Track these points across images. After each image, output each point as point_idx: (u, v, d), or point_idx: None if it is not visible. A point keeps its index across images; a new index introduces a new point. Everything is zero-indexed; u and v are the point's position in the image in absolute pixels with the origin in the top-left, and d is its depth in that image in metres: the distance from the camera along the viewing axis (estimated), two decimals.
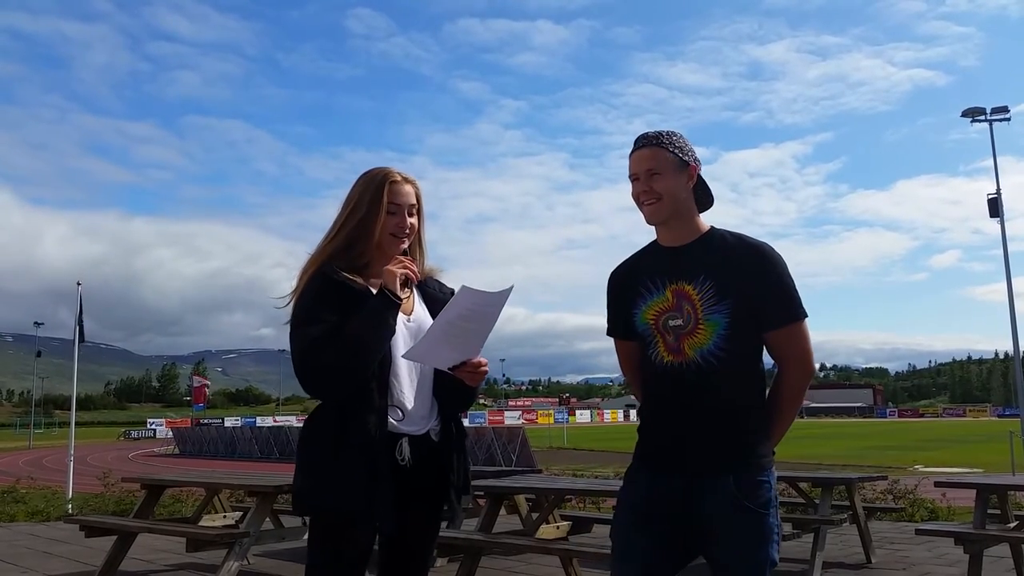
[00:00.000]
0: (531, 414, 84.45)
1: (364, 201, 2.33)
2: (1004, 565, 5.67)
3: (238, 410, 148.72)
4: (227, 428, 44.53)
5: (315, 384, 2.20)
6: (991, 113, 25.67)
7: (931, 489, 7.25)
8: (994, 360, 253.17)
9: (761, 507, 2.10)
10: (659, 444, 2.22)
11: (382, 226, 2.33)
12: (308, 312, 2.21)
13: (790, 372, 2.21)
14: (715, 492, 2.10)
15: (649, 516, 2.18)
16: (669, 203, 2.19)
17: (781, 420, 2.24)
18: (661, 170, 2.18)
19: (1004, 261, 24.83)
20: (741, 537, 2.09)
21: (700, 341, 2.14)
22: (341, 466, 2.20)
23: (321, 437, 2.25)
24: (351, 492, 2.18)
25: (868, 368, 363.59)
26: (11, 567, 6.36)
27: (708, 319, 2.13)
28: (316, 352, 2.16)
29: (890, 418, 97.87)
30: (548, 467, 16.18)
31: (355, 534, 2.24)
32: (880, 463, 21.34)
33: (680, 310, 2.17)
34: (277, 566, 6.36)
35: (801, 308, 2.17)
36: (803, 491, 6.99)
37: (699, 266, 2.17)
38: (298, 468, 2.30)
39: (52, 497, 11.72)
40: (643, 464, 2.25)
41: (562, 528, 5.31)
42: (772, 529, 2.11)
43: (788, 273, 2.17)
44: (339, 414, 2.23)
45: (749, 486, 2.10)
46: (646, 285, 2.24)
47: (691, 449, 2.14)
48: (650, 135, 2.23)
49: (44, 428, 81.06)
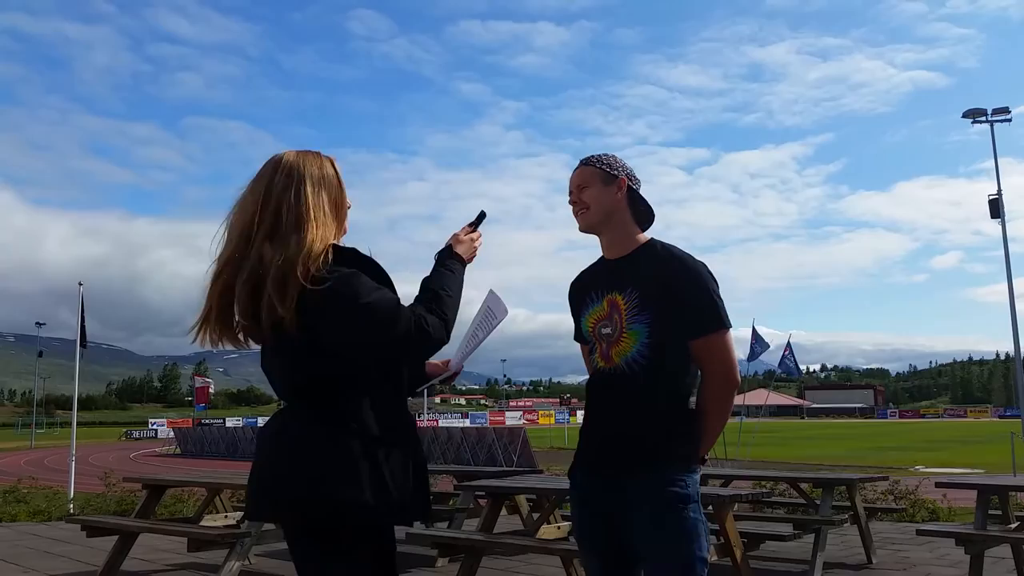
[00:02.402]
0: (532, 414, 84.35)
1: (327, 182, 2.15)
2: (1005, 566, 5.67)
3: (239, 410, 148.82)
4: (228, 428, 44.50)
5: (437, 343, 2.02)
6: (992, 114, 25.63)
7: (932, 490, 7.26)
8: (995, 361, 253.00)
9: (679, 503, 2.19)
10: (589, 446, 2.38)
11: (346, 208, 2.20)
12: (362, 280, 1.99)
13: (711, 380, 2.32)
14: (633, 491, 2.22)
15: (591, 511, 2.33)
16: (596, 211, 2.39)
17: (707, 428, 2.33)
18: (588, 183, 2.41)
19: (1005, 262, 24.81)
20: (662, 534, 2.19)
21: (624, 349, 2.31)
22: (402, 464, 2.02)
23: (368, 437, 1.99)
24: (409, 487, 2.02)
25: (869, 369, 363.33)
26: (13, 567, 6.37)
27: (631, 328, 2.30)
28: (444, 314, 2.04)
29: (891, 419, 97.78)
30: (549, 467, 16.16)
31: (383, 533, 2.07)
32: (881, 464, 21.33)
33: (611, 319, 2.36)
34: (278, 566, 6.37)
35: (721, 319, 2.29)
36: (804, 492, 6.99)
37: (629, 277, 2.34)
38: (348, 474, 1.95)
39: (54, 497, 11.72)
40: (576, 464, 2.42)
41: (563, 528, 5.32)
42: (695, 525, 2.20)
43: (711, 284, 2.30)
44: (382, 410, 2.03)
45: (666, 484, 2.20)
46: (590, 295, 2.44)
47: (613, 451, 2.29)
48: (583, 158, 2.48)
49: (46, 428, 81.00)
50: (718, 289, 2.31)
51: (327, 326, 1.98)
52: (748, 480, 7.55)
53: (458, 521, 6.62)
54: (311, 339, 2.00)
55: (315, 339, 2.00)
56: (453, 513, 6.84)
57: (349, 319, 1.97)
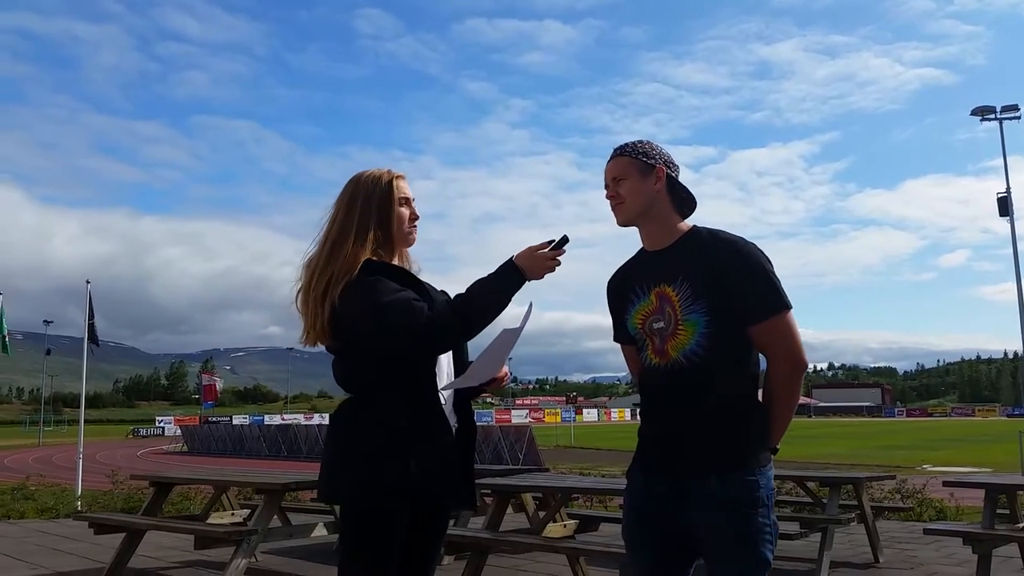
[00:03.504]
0: (538, 413, 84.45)
1: (376, 199, 2.38)
2: (1013, 565, 5.65)
3: (246, 408, 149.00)
4: (235, 426, 44.67)
5: (448, 339, 2.25)
6: (1001, 111, 25.48)
7: (939, 489, 7.24)
8: (1003, 360, 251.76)
9: (748, 506, 2.09)
10: (650, 445, 2.26)
11: (398, 221, 2.40)
12: (385, 284, 2.23)
13: (778, 366, 2.19)
14: (700, 494, 2.11)
15: (650, 516, 2.21)
16: (634, 204, 2.26)
17: (777, 416, 2.20)
18: (625, 175, 2.26)
19: (1014, 260, 24.64)
20: (728, 538, 2.09)
21: (681, 342, 2.17)
22: (425, 453, 2.24)
23: (392, 426, 2.24)
24: (437, 475, 2.26)
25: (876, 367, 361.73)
26: (21, 564, 6.40)
27: (687, 320, 2.16)
28: (447, 315, 2.20)
29: (898, 417, 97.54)
30: (555, 466, 16.17)
31: (400, 522, 2.26)
32: (888, 462, 21.28)
33: (662, 313, 2.21)
34: (285, 563, 6.38)
35: (782, 300, 2.15)
36: (811, 490, 6.97)
37: (678, 268, 2.20)
38: (369, 460, 2.23)
39: (61, 494, 11.78)
40: (637, 465, 2.29)
41: (569, 527, 5.31)
42: (762, 529, 2.09)
43: (766, 265, 2.16)
44: (408, 402, 2.26)
45: (734, 486, 2.09)
46: (634, 290, 2.30)
47: (678, 451, 2.16)
48: (617, 147, 2.32)
49: (54, 426, 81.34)
50: (774, 269, 2.17)
51: (349, 325, 2.24)
52: None
53: (464, 519, 6.62)
54: (344, 340, 2.30)
55: (346, 339, 2.29)
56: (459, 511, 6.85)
57: (364, 319, 2.21)
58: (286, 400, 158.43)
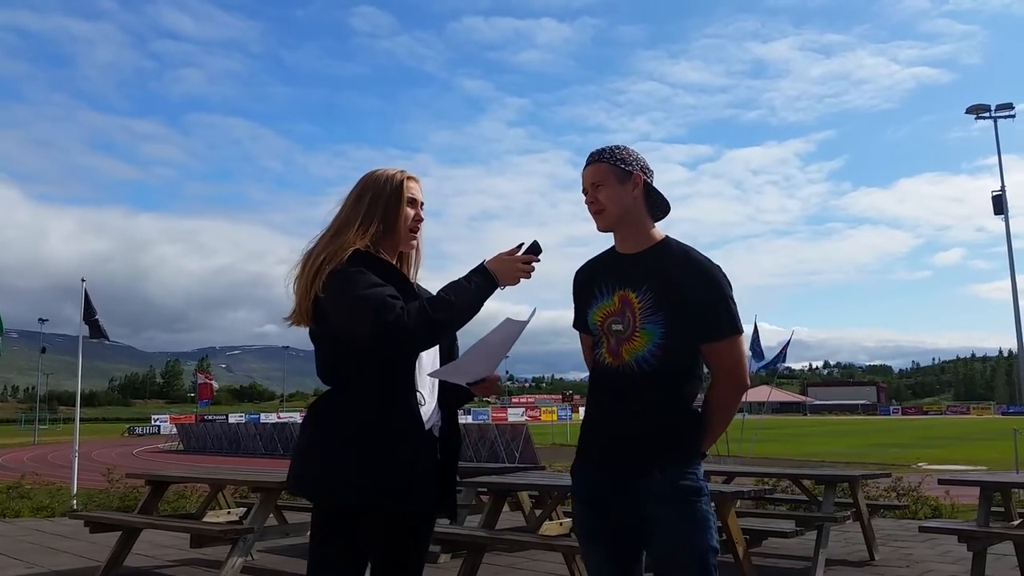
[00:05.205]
0: (534, 411, 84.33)
1: (385, 195, 2.39)
2: (1008, 563, 5.66)
3: (242, 406, 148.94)
4: (231, 424, 44.55)
5: (416, 339, 2.18)
6: (996, 110, 25.54)
7: (934, 487, 7.24)
8: (998, 358, 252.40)
9: (692, 495, 2.20)
10: (593, 442, 2.36)
11: (403, 220, 2.40)
12: (366, 277, 2.22)
13: (721, 384, 2.33)
14: (642, 487, 2.21)
15: (600, 509, 2.30)
16: (613, 211, 2.33)
17: (710, 428, 2.32)
18: (603, 182, 2.33)
19: (1008, 258, 24.73)
20: (674, 527, 2.19)
21: (636, 348, 2.27)
22: (390, 448, 2.22)
23: (361, 420, 2.24)
24: (401, 472, 2.23)
25: (872, 365, 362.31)
26: (16, 562, 6.38)
27: (644, 328, 2.26)
28: (424, 311, 2.15)
29: (894, 416, 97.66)
30: (551, 464, 16.15)
31: (374, 523, 2.26)
32: (883, 460, 21.33)
33: (623, 316, 2.31)
34: (281, 562, 6.38)
35: (735, 325, 2.28)
36: (806, 488, 6.98)
37: (644, 276, 2.29)
38: (332, 453, 2.24)
39: (57, 493, 11.73)
40: (579, 460, 2.39)
41: (565, 525, 5.32)
42: (707, 517, 2.21)
43: (727, 290, 2.28)
44: (379, 397, 2.24)
45: (677, 477, 2.21)
46: (599, 287, 2.38)
47: (621, 448, 2.27)
48: (594, 152, 2.38)
49: (49, 424, 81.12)
50: (733, 294, 2.30)
51: (326, 315, 2.26)
52: (750, 477, 7.54)
53: (460, 517, 6.62)
54: (321, 329, 2.31)
55: (323, 329, 2.31)
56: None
57: (339, 308, 2.22)
58: (282, 398, 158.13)
